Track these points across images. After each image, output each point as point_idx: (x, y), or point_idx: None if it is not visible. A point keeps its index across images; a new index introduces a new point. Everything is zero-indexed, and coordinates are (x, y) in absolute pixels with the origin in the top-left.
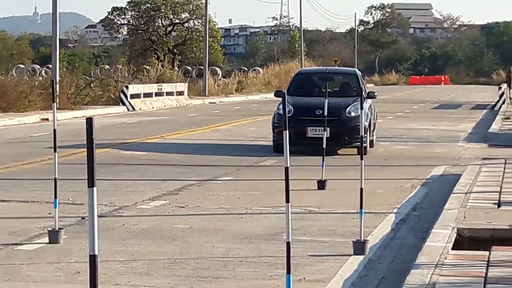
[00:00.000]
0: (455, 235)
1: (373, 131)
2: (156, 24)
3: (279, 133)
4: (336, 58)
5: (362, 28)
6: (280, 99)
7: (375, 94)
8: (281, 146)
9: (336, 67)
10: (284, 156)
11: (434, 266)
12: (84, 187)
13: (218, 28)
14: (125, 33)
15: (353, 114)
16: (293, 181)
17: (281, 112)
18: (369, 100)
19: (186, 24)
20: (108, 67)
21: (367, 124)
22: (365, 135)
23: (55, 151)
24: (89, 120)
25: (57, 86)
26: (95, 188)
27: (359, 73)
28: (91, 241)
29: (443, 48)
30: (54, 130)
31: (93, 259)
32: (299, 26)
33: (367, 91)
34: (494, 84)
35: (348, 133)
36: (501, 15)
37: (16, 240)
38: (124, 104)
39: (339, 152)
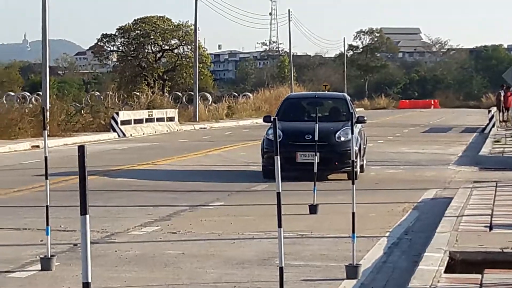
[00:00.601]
0: (448, 258)
1: (363, 156)
2: (146, 50)
3: (269, 158)
4: (325, 82)
5: (351, 52)
6: (269, 124)
7: (365, 118)
8: (271, 172)
9: (325, 92)
10: (276, 181)
11: None
12: (76, 214)
13: (207, 54)
14: (115, 59)
15: (342, 139)
16: (285, 206)
17: (270, 137)
18: (359, 125)
19: (175, 50)
20: (98, 93)
21: (357, 148)
22: (355, 160)
23: (46, 178)
24: (81, 148)
25: (48, 113)
26: (87, 216)
27: (348, 97)
28: (84, 268)
29: (432, 72)
30: (45, 157)
31: (86, 286)
32: (288, 51)
33: (357, 116)
34: (483, 107)
35: (338, 158)
36: (490, 39)
37: (8, 267)
38: (114, 130)
39: (329, 177)
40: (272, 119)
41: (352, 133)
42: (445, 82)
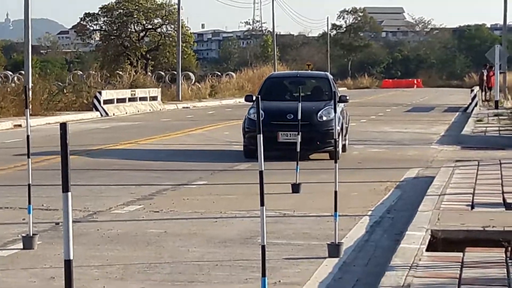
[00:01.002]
0: (429, 237)
1: (345, 136)
2: (129, 29)
3: (250, 138)
4: (309, 62)
5: (334, 32)
6: (251, 103)
7: (347, 98)
8: (252, 152)
9: (308, 71)
10: (258, 159)
11: (409, 268)
12: (58, 193)
13: (191, 33)
14: (97, 39)
15: (324, 118)
16: (268, 185)
17: (251, 117)
18: (341, 104)
19: (159, 30)
20: (81, 73)
21: (339, 128)
22: (337, 139)
23: (28, 157)
24: (63, 125)
25: (30, 92)
26: (69, 193)
27: (330, 77)
28: (66, 246)
29: (415, 52)
30: (27, 136)
31: (68, 264)
32: (271, 30)
33: (339, 95)
34: (466, 86)
35: (320, 138)
36: (473, 18)
37: None
38: (97, 109)
39: (311, 156)
40: (254, 98)
41: (335, 112)
42: (428, 62)
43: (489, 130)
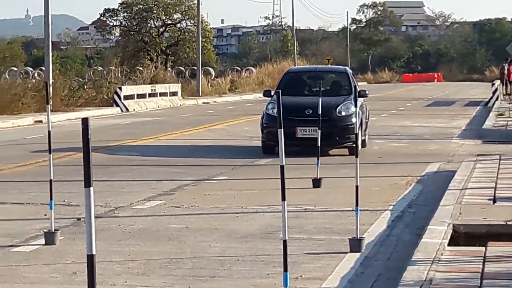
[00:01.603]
0: (451, 231)
1: (365, 131)
2: (149, 25)
3: (268, 133)
4: (329, 56)
5: (354, 26)
6: (269, 98)
7: (366, 92)
8: (270, 148)
9: (327, 66)
10: (279, 154)
11: (431, 262)
12: (79, 188)
13: (210, 28)
14: (117, 34)
15: (343, 113)
16: (288, 180)
17: (270, 112)
18: (361, 99)
19: (178, 25)
20: (101, 68)
21: (358, 122)
22: (355, 135)
23: (49, 152)
24: (85, 120)
25: (51, 88)
26: (91, 188)
27: (349, 71)
28: (89, 240)
29: (436, 46)
30: (49, 132)
31: (90, 258)
32: (291, 25)
33: (358, 90)
34: (487, 80)
35: (339, 133)
36: (493, 12)
37: (12, 242)
38: (117, 105)
39: (330, 152)
40: (273, 93)
41: (356, 106)
42: (448, 56)
43: (510, 124)
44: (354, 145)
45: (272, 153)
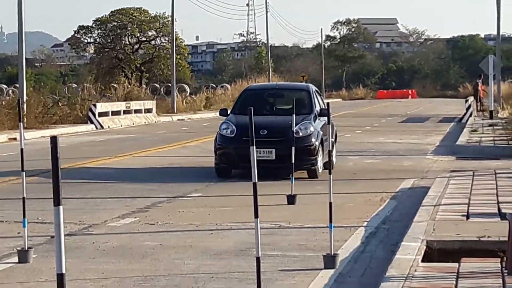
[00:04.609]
0: (425, 247)
1: (331, 151)
2: (123, 42)
3: (222, 155)
4: (303, 73)
5: (328, 43)
6: (223, 118)
7: (328, 111)
8: (224, 170)
9: (287, 83)
10: (252, 170)
11: (404, 278)
12: (52, 206)
13: (185, 45)
14: (92, 51)
15: (301, 134)
16: (263, 197)
17: (223, 133)
18: (324, 118)
19: (153, 42)
20: (76, 85)
21: (317, 143)
22: (314, 157)
23: (22, 170)
24: (54, 139)
25: (24, 105)
26: (61, 207)
27: (312, 88)
28: (58, 259)
29: (410, 62)
30: (21, 150)
31: (60, 278)
32: (265, 42)
33: (320, 108)
34: (461, 97)
35: (296, 155)
36: (466, 29)
37: None
38: (92, 122)
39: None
40: (230, 112)
41: (314, 126)
42: (422, 72)
43: (484, 140)
44: (313, 167)
45: (226, 177)
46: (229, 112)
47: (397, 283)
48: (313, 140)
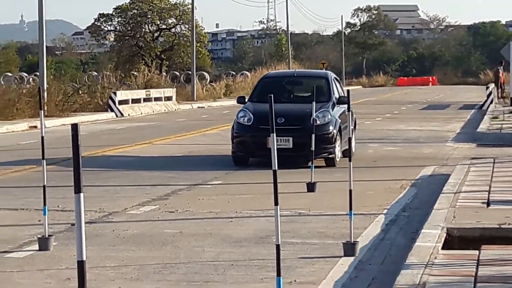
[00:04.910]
0: (445, 235)
1: (346, 140)
2: (143, 30)
3: (239, 143)
4: (323, 61)
5: (349, 30)
6: (241, 105)
7: (347, 98)
8: (241, 159)
9: (306, 70)
10: (272, 158)
11: (424, 266)
12: (73, 194)
13: (205, 33)
14: (112, 39)
15: (318, 122)
16: (283, 184)
17: (240, 121)
18: (343, 106)
19: (173, 30)
20: (96, 73)
21: (335, 131)
22: (332, 145)
23: (43, 158)
24: (75, 127)
25: (45, 93)
26: (81, 194)
27: (331, 76)
28: (79, 247)
29: (430, 49)
30: (42, 137)
31: (81, 265)
32: (286, 29)
33: (339, 96)
34: (481, 84)
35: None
36: (487, 15)
37: (6, 247)
38: (112, 110)
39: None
40: (248, 100)
41: (333, 114)
42: (443, 59)
43: (505, 127)
44: (330, 156)
45: (243, 165)
46: (246, 100)
47: (417, 270)
48: (331, 128)
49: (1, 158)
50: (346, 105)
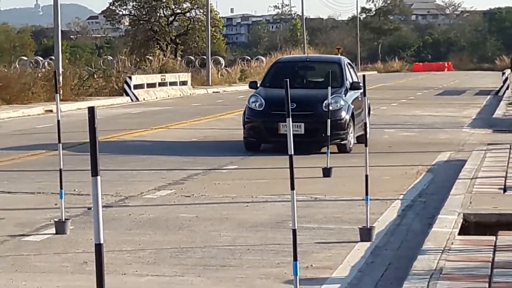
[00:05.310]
0: (462, 220)
1: (363, 126)
2: (158, 14)
3: (250, 129)
4: (339, 46)
5: (364, 15)
6: (253, 91)
7: (360, 84)
8: (253, 144)
9: (319, 55)
10: (288, 143)
11: (441, 251)
12: (89, 178)
13: (220, 18)
14: (127, 23)
15: (331, 107)
16: (299, 170)
17: (252, 106)
18: (356, 91)
19: (188, 14)
20: (111, 58)
21: (347, 117)
22: (344, 131)
23: (59, 142)
24: (91, 109)
25: (60, 77)
26: (98, 177)
27: (344, 61)
28: (96, 230)
29: (446, 35)
30: (58, 121)
31: (98, 248)
32: (300, 14)
33: (352, 82)
34: (497, 69)
35: (326, 129)
36: (503, 1)
37: (23, 231)
38: (127, 94)
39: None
40: (259, 85)
41: (345, 99)
42: (458, 45)
43: None
44: (343, 142)
45: (255, 150)
46: (258, 84)
47: (434, 256)
48: (343, 114)
49: (17, 142)
50: (359, 91)
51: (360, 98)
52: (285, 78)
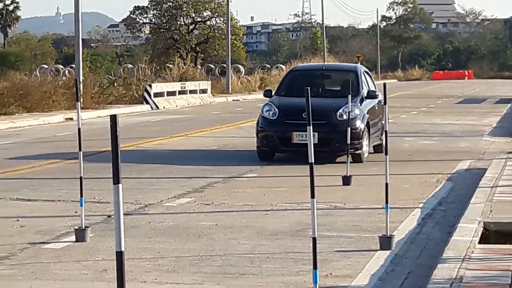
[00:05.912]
0: (482, 229)
1: (379, 135)
2: (178, 22)
3: (263, 138)
4: (359, 54)
5: (384, 23)
6: (267, 99)
7: (377, 93)
8: (266, 154)
9: (335, 64)
10: (308, 151)
11: (461, 260)
12: (109, 186)
13: (240, 26)
14: (147, 32)
15: (345, 117)
16: (318, 178)
17: (265, 115)
18: (374, 100)
19: (208, 22)
20: (131, 66)
21: (362, 126)
22: (359, 140)
23: (80, 150)
24: (113, 117)
25: (81, 85)
26: (120, 185)
27: (361, 69)
28: (118, 237)
29: (466, 43)
30: (79, 129)
31: (120, 255)
32: (321, 22)
33: (368, 90)
34: None
35: (339, 139)
36: None
37: (43, 239)
38: (147, 102)
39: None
40: (274, 93)
41: (361, 109)
42: (479, 53)
43: None
44: (357, 152)
45: (268, 160)
46: (273, 93)
47: (454, 264)
48: (358, 123)
49: (38, 150)
50: (375, 100)
51: (376, 107)
52: (300, 87)
